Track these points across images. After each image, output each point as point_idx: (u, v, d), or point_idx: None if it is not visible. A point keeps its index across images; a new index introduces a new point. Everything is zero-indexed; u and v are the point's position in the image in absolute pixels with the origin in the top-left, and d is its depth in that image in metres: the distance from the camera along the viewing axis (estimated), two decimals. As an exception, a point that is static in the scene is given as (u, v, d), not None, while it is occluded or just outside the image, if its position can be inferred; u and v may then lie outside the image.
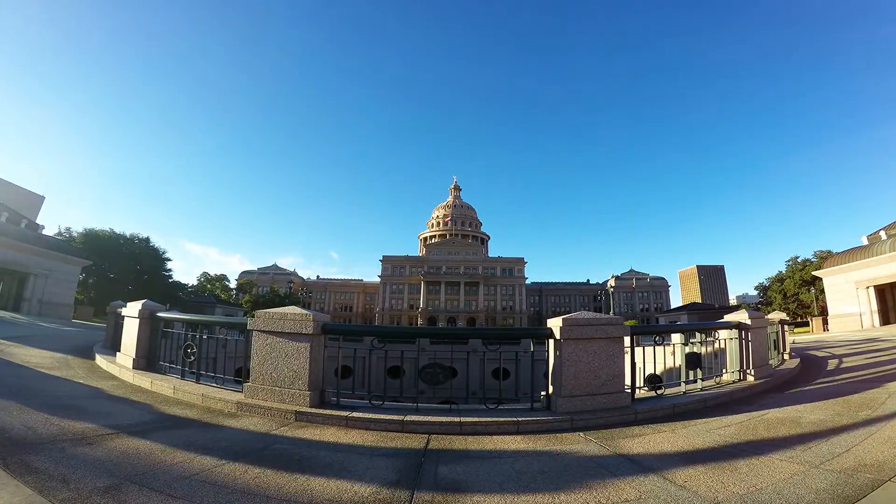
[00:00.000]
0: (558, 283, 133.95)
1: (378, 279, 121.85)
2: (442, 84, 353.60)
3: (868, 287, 28.56)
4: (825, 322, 34.09)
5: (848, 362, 10.69)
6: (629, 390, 6.23)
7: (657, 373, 7.95)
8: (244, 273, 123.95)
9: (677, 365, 7.71)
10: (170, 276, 65.40)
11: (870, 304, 28.38)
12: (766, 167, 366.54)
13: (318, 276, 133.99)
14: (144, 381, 7.34)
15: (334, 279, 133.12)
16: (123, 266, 55.93)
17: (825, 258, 44.04)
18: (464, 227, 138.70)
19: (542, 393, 6.13)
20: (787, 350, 11.29)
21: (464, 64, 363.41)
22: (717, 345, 8.43)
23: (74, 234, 55.00)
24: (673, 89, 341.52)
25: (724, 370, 8.09)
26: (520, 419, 5.41)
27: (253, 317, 6.30)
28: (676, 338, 8.27)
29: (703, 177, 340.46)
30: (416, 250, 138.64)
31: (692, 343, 7.80)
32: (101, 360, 9.24)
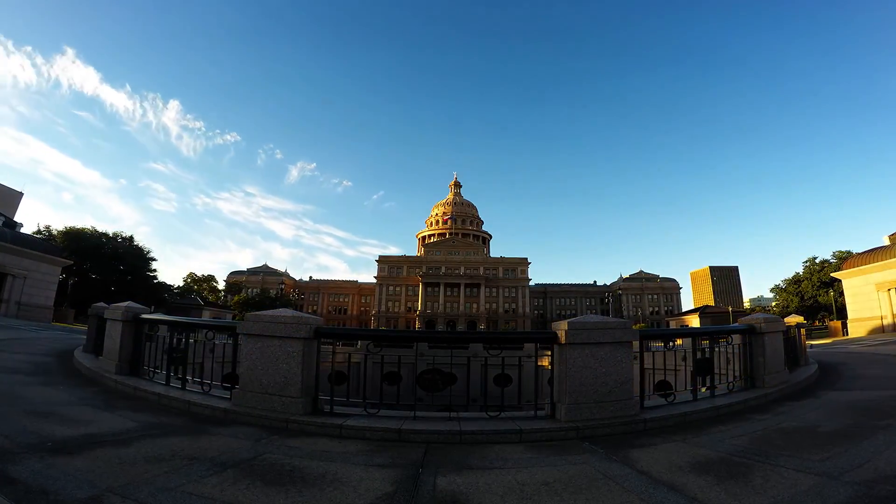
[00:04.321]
0: (564, 284, 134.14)
1: (374, 280, 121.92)
2: (441, 77, 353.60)
3: (889, 290, 28.59)
4: (844, 326, 34.11)
5: (868, 369, 10.70)
6: (638, 398, 6.23)
7: (667, 379, 7.95)
8: (233, 273, 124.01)
9: (688, 371, 7.71)
10: (154, 277, 65.50)
11: (891, 307, 28.40)
12: (783, 163, 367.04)
13: (310, 277, 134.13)
14: (128, 387, 7.34)
15: (328, 280, 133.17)
16: (106, 266, 56.01)
17: (844, 259, 44.08)
18: (464, 226, 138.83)
19: (547, 400, 6.14)
20: (805, 355, 11.30)
21: (465, 55, 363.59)
22: (729, 350, 8.44)
23: (54, 233, 55.02)
24: (685, 84, 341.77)
25: (737, 376, 8.10)
26: (523, 427, 5.41)
27: (242, 319, 6.30)
28: (687, 343, 8.28)
29: (716, 173, 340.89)
30: (415, 250, 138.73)
31: (704, 348, 7.80)
32: (82, 365, 9.24)
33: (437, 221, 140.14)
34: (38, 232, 53.51)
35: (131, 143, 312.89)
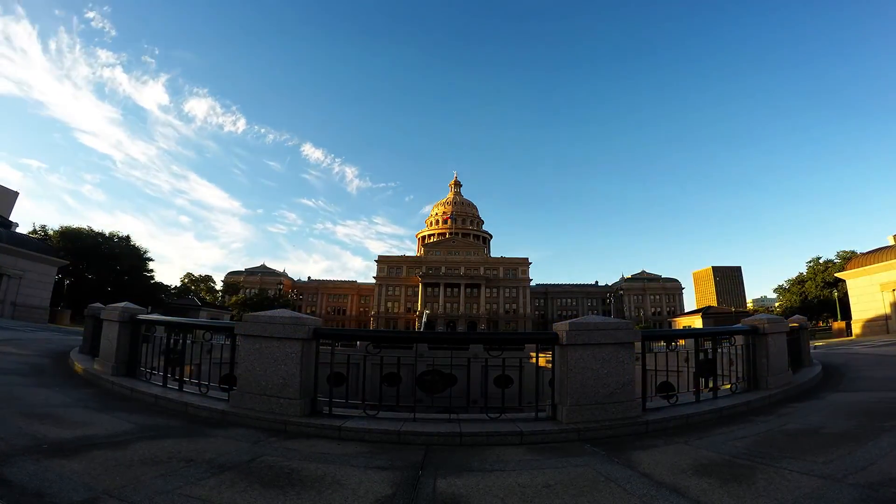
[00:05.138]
0: (565, 284, 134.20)
1: (373, 281, 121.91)
2: (440, 74, 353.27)
3: (894, 290, 28.56)
4: (848, 326, 34.11)
5: (872, 370, 10.70)
6: (640, 399, 6.23)
7: (669, 380, 7.96)
8: (231, 273, 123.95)
9: (691, 372, 7.71)
10: (151, 277, 65.45)
11: (896, 307, 28.37)
12: (787, 163, 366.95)
13: (309, 277, 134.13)
14: (124, 388, 7.34)
15: (327, 280, 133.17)
16: (102, 266, 55.94)
17: (849, 259, 44.05)
18: (465, 226, 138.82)
19: (548, 402, 6.14)
20: (808, 356, 11.29)
21: (465, 49, 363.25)
22: (732, 351, 8.44)
23: (50, 233, 55.01)
24: (689, 83, 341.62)
25: (740, 378, 8.10)
26: (523, 429, 5.42)
27: (240, 320, 6.30)
28: (690, 344, 8.28)
29: (720, 173, 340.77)
30: (415, 250, 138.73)
31: (706, 349, 7.80)
32: (78, 366, 9.24)
33: (437, 221, 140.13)
34: (34, 232, 53.49)
35: (299, 184, 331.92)
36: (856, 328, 31.56)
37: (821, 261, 65.06)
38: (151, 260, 65.09)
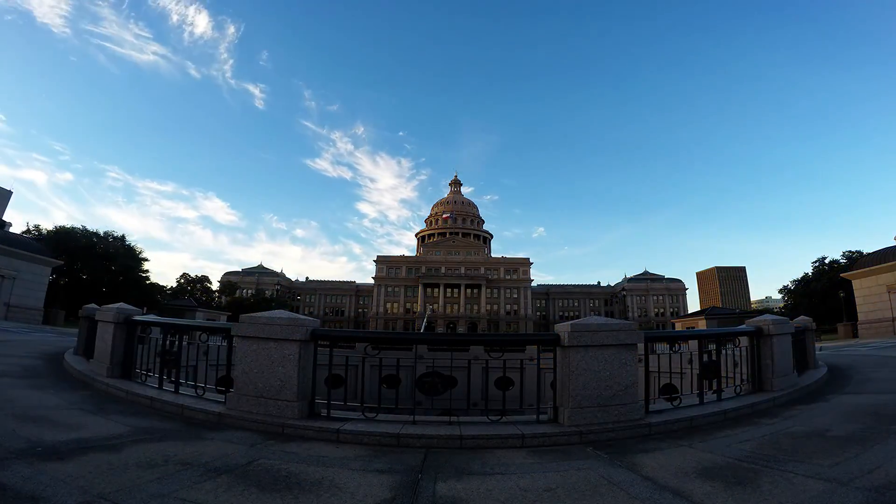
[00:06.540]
0: (567, 285, 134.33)
1: (372, 281, 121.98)
2: (439, 70, 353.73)
3: (900, 291, 28.57)
4: (855, 328, 34.12)
5: (878, 371, 10.70)
6: (642, 401, 6.24)
7: (672, 382, 7.97)
8: (228, 274, 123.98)
9: (694, 374, 7.72)
10: (147, 278, 65.36)
11: (902, 309, 28.37)
12: (792, 162, 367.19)
13: (307, 278, 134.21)
14: (119, 390, 7.34)
15: (325, 281, 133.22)
16: (97, 267, 55.87)
17: (855, 260, 44.10)
18: (465, 225, 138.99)
19: (549, 404, 6.14)
20: (814, 358, 11.30)
21: (463, 45, 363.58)
22: (737, 352, 8.44)
23: (44, 232, 55.04)
24: (692, 80, 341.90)
25: (744, 380, 8.10)
26: (525, 432, 5.42)
27: (237, 321, 6.31)
28: (693, 345, 8.28)
29: (723, 171, 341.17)
30: (414, 250, 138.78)
31: (710, 351, 7.80)
32: (73, 368, 9.25)
33: (437, 221, 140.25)
34: (28, 232, 53.54)
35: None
36: (862, 329, 31.57)
37: (826, 261, 64.90)
38: (147, 260, 65.00)
